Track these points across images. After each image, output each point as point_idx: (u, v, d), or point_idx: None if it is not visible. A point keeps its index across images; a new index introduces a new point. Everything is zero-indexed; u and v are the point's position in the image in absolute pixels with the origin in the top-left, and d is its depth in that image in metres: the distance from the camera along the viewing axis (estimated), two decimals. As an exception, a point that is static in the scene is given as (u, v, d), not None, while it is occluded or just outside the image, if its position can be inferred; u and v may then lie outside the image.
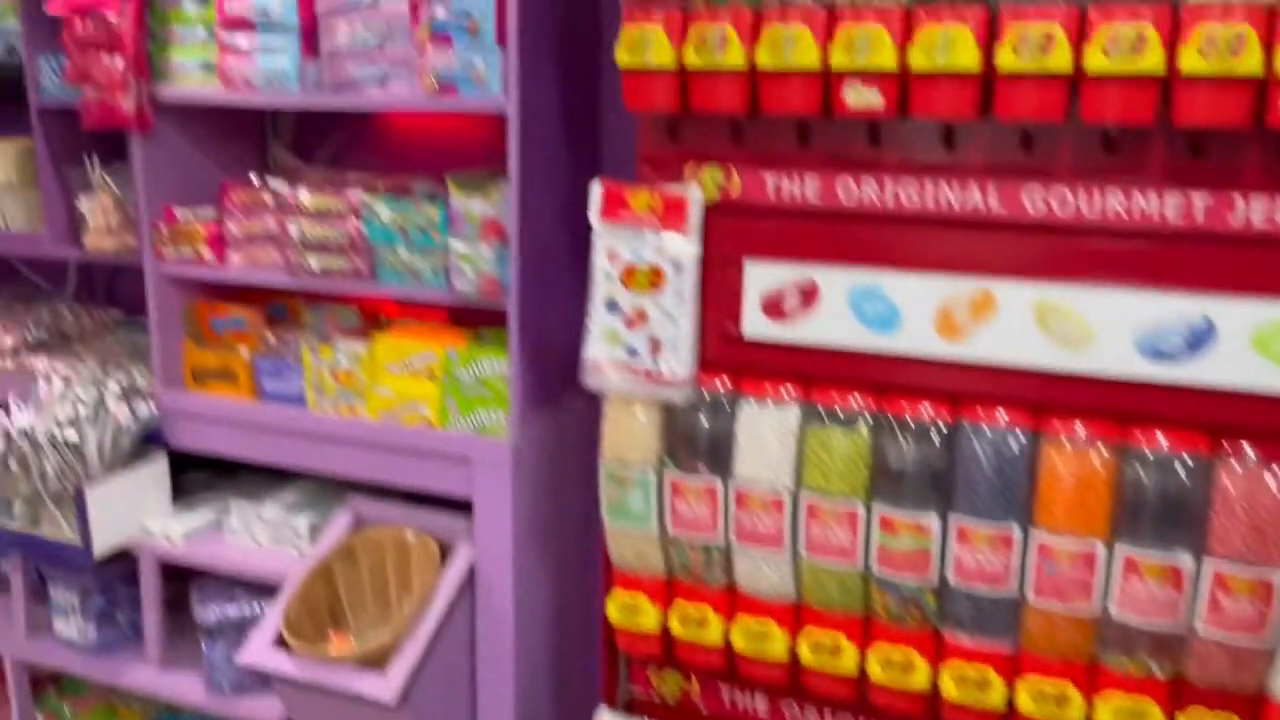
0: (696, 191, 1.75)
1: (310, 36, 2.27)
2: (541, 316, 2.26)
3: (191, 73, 2.39)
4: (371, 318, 2.61)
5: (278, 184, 2.38)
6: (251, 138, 2.72)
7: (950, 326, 1.65)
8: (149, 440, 2.59)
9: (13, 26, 2.72)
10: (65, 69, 2.40)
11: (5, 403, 2.61)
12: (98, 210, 2.57)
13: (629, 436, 1.85)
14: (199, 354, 2.56)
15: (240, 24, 2.28)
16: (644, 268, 1.76)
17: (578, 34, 2.29)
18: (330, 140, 2.70)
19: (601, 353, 1.82)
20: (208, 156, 2.61)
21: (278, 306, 2.70)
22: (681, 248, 1.74)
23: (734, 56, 1.66)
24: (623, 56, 1.74)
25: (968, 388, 1.68)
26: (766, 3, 1.65)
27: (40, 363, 2.72)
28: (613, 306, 1.80)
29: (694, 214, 1.74)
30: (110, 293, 3.09)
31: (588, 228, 2.46)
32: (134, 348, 2.85)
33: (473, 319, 2.43)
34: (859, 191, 1.73)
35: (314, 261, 2.34)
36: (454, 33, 2.09)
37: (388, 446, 2.35)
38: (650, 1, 1.73)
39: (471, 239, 2.16)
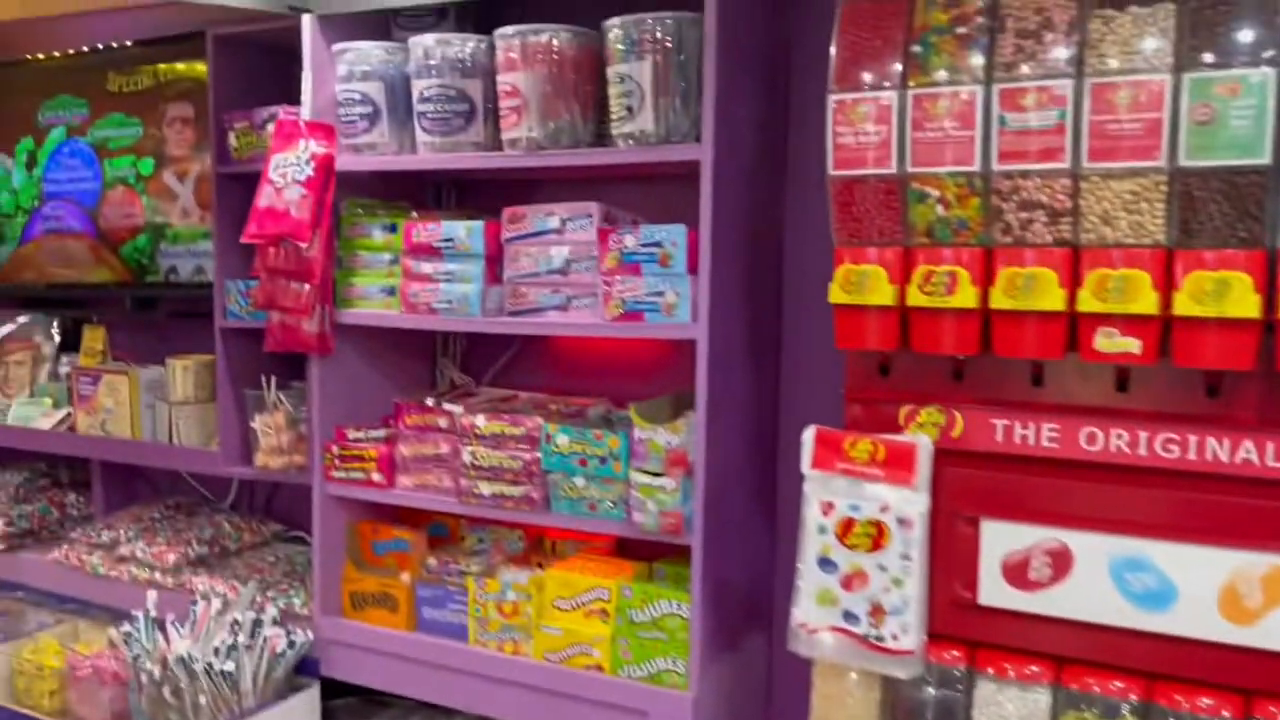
0: (926, 440, 1.59)
1: (494, 263, 2.26)
2: (724, 554, 2.10)
3: (373, 297, 2.40)
4: (535, 540, 2.50)
5: (452, 406, 2.33)
6: (422, 355, 2.71)
7: (1238, 608, 1.41)
8: (302, 668, 2.47)
9: (203, 248, 2.83)
10: (254, 294, 2.44)
11: (163, 621, 2.55)
12: (271, 429, 2.56)
13: (843, 713, 1.63)
14: (359, 578, 2.47)
15: (426, 251, 2.29)
16: (864, 522, 1.60)
17: (763, 262, 2.22)
18: (501, 357, 2.66)
19: (813, 615, 1.64)
20: (379, 374, 2.59)
21: (438, 525, 2.61)
22: (908, 502, 1.57)
23: (965, 297, 1.54)
24: (837, 294, 1.64)
25: (1259, 679, 1.43)
26: (998, 241, 1.53)
27: (200, 581, 2.67)
28: (826, 564, 1.63)
29: (922, 465, 1.58)
30: (269, 504, 3.07)
31: (770, 459, 2.34)
32: (291, 564, 2.79)
33: (643, 547, 2.28)
34: (1107, 442, 1.54)
35: (485, 488, 2.25)
36: (644, 262, 2.04)
37: (553, 691, 2.17)
38: (865, 238, 1.63)
39: (655, 471, 2.04)
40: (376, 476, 2.41)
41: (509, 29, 2.14)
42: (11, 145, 3.22)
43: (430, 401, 2.38)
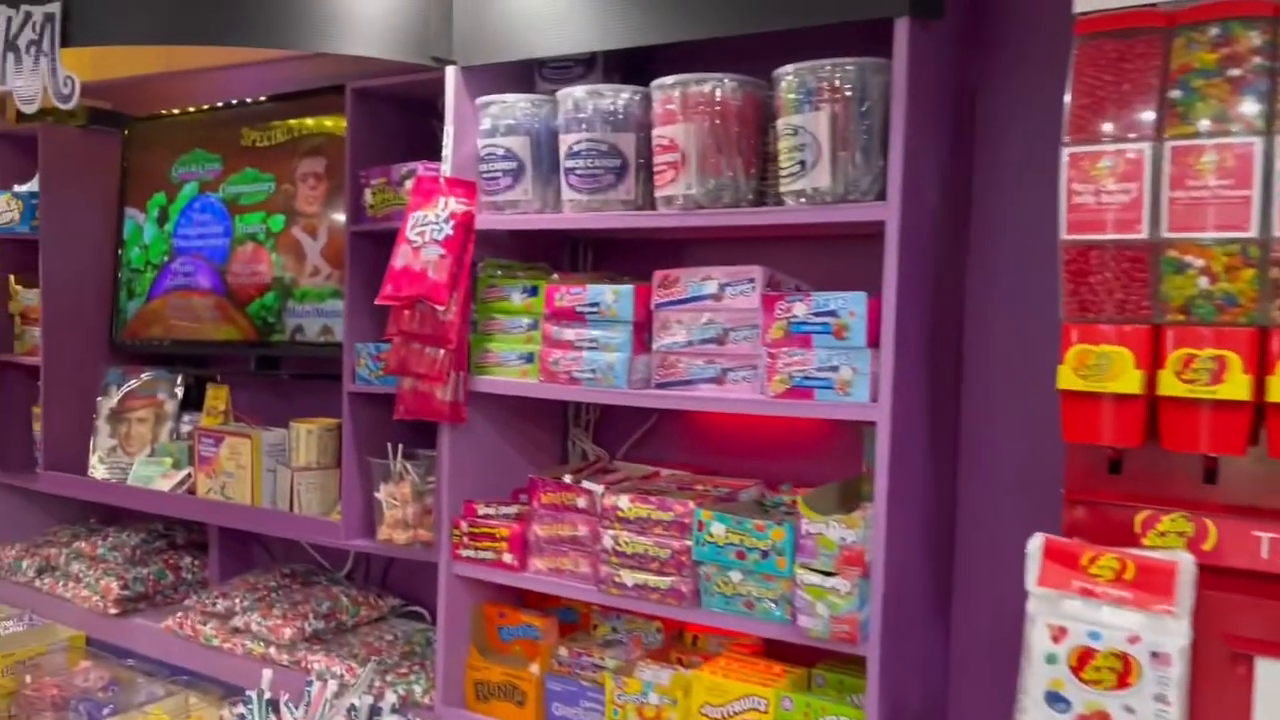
0: (1188, 559, 1.33)
1: (642, 330, 2.07)
2: (901, 667, 1.85)
3: (510, 363, 2.24)
4: (675, 633, 2.27)
5: (591, 485, 2.14)
6: (552, 424, 2.53)
7: None
8: (421, 763, 2.29)
9: (330, 307, 2.73)
10: (385, 358, 2.31)
11: (277, 702, 2.39)
12: (396, 501, 2.41)
13: None
14: (484, 666, 2.28)
15: (569, 316, 2.12)
16: (1106, 654, 1.33)
17: (944, 333, 1.99)
18: (638, 429, 2.47)
19: (1039, 761, 1.38)
20: (509, 444, 2.43)
21: (568, 610, 2.41)
22: (1166, 633, 1.30)
23: (1235, 387, 1.28)
24: (1069, 379, 1.40)
25: None
26: (1278, 321, 1.28)
27: (316, 659, 2.52)
28: (1057, 700, 1.36)
29: (1184, 589, 1.32)
30: (386, 574, 2.92)
31: (946, 557, 2.08)
32: (410, 644, 2.62)
33: (795, 648, 2.02)
34: None
35: (628, 577, 2.04)
36: (815, 333, 1.83)
37: (702, 812, 1.93)
38: (1102, 313, 1.39)
39: (826, 570, 1.80)
40: (508, 557, 2.22)
41: (668, 79, 1.98)
42: (144, 200, 3.20)
43: (568, 479, 2.19)
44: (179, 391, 3.18)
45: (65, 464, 3.17)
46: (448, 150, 2.25)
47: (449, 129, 2.25)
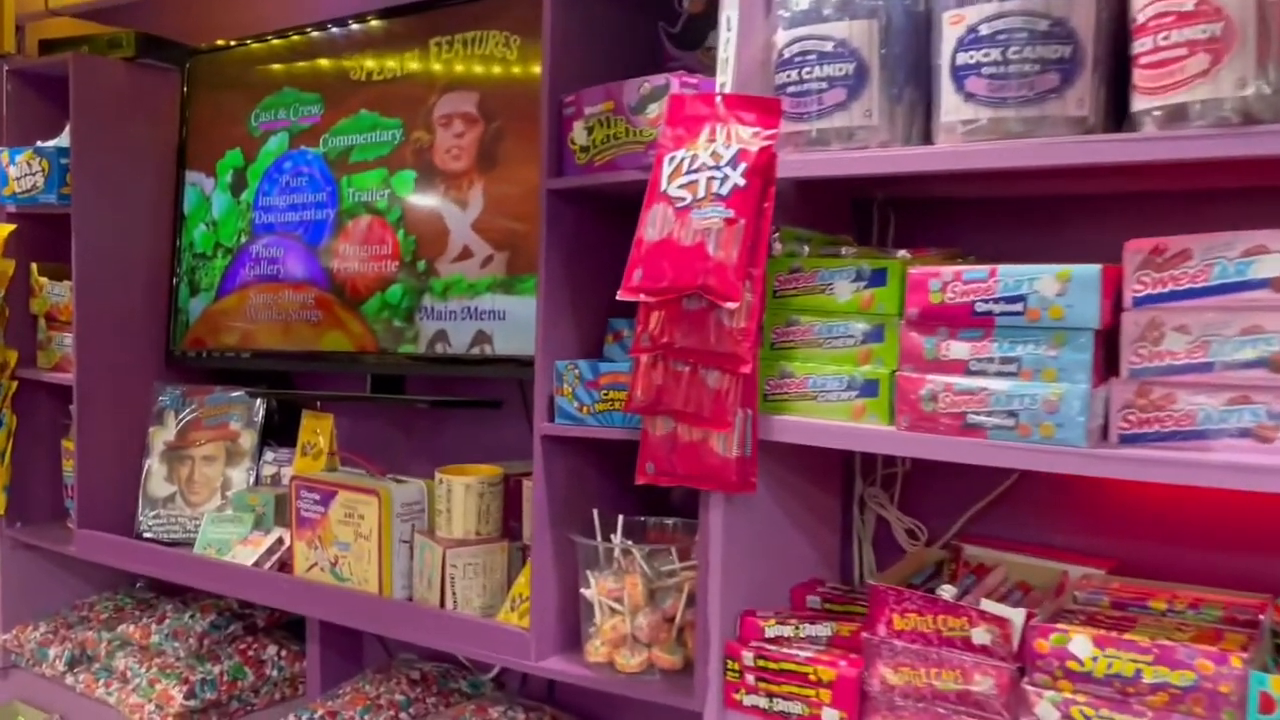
0: None
1: (1106, 345, 1.20)
2: None
3: (830, 397, 1.37)
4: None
5: (1000, 609, 1.26)
6: (831, 476, 1.68)
7: None
8: None
9: (488, 305, 1.88)
10: (630, 391, 1.44)
11: None
12: (621, 604, 1.55)
13: None
14: None
15: (962, 321, 1.25)
16: None
17: None
18: (985, 492, 1.60)
19: None
20: (787, 515, 1.57)
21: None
22: None
23: None
24: None
25: None
26: None
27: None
28: None
29: None
30: (552, 685, 2.06)
31: None
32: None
33: None
34: None
35: (1083, 773, 1.17)
36: None
37: None
38: None
39: None
40: (832, 715, 1.36)
41: (1177, -103, 1.10)
42: (213, 160, 2.36)
43: (946, 593, 1.32)
44: (258, 419, 2.35)
45: (106, 518, 2.35)
46: (727, 51, 1.39)
47: (728, 16, 1.39)
